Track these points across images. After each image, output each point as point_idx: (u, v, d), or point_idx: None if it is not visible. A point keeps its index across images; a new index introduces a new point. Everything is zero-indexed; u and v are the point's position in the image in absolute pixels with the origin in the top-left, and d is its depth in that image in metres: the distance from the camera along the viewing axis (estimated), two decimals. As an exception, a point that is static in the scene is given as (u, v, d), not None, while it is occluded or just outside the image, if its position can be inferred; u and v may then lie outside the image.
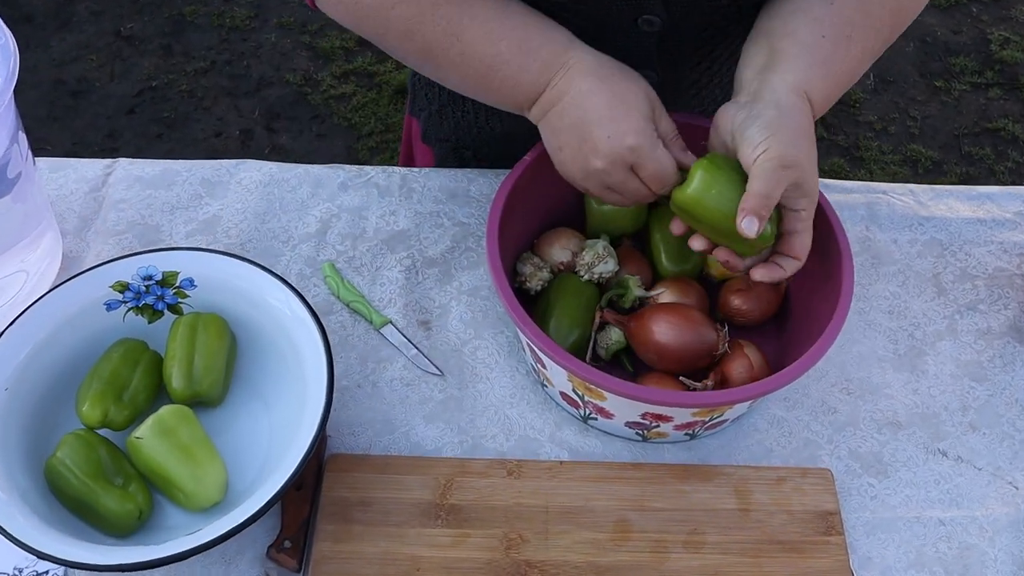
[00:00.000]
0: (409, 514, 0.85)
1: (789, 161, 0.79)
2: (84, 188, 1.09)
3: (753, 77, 0.84)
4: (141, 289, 0.91)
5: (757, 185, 0.78)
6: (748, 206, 0.78)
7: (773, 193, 0.78)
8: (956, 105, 2.70)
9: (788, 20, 0.85)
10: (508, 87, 0.86)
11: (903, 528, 0.89)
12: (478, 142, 1.15)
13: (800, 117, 0.82)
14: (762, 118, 0.80)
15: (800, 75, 0.83)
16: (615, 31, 0.94)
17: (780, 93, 0.82)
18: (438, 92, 1.13)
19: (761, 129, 0.79)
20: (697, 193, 0.81)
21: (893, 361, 1.00)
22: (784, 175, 0.79)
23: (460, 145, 1.17)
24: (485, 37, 0.84)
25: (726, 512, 0.87)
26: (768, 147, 0.79)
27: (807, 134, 0.82)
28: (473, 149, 1.17)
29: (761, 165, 0.78)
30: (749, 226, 0.78)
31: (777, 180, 0.78)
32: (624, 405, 0.85)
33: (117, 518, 0.81)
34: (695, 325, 0.89)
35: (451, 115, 1.14)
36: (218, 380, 0.88)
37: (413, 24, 0.85)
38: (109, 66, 2.67)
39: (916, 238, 1.10)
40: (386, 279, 1.02)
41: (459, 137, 1.16)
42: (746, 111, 0.81)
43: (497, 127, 1.12)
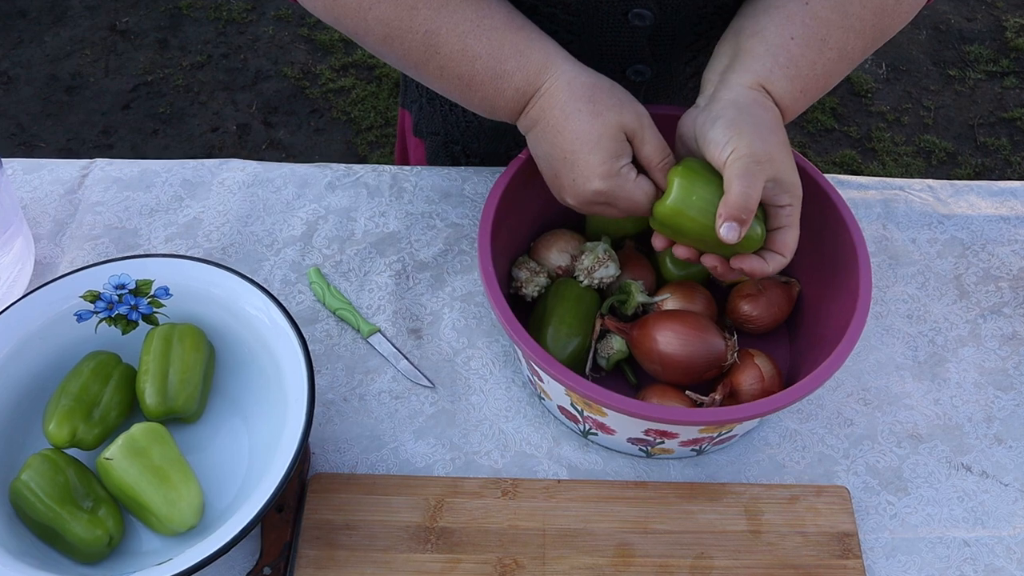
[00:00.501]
0: (397, 538, 0.80)
1: (760, 156, 0.75)
2: (59, 190, 1.04)
3: (712, 79, 0.82)
4: (113, 299, 0.86)
5: (734, 187, 0.74)
6: (726, 211, 0.74)
7: (751, 193, 0.74)
8: (971, 94, 2.64)
9: (759, 19, 0.82)
10: (487, 107, 0.84)
11: (925, 549, 0.83)
12: (467, 136, 1.10)
13: (763, 112, 0.78)
14: (722, 118, 0.77)
15: (760, 73, 0.80)
16: (605, 26, 0.90)
17: (737, 91, 0.79)
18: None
19: (724, 129, 0.76)
20: (676, 204, 0.77)
21: (913, 369, 0.94)
22: (759, 171, 0.74)
23: (449, 140, 1.12)
24: (461, 54, 0.80)
25: (735, 534, 0.81)
26: (735, 146, 0.75)
27: (773, 128, 0.78)
28: (462, 144, 1.11)
29: (733, 164, 0.75)
30: (729, 232, 0.74)
31: (753, 178, 0.74)
32: (626, 421, 0.79)
33: (85, 545, 0.75)
34: (702, 333, 0.83)
35: (439, 108, 1.09)
36: (194, 395, 0.83)
37: (392, 30, 0.81)
38: (104, 61, 2.62)
39: (936, 237, 1.04)
40: (375, 284, 0.97)
41: (448, 131, 1.11)
42: (705, 114, 0.78)
43: (486, 122, 1.06)
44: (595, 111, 0.78)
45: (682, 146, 0.82)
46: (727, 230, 0.74)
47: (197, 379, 0.83)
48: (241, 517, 0.73)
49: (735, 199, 0.74)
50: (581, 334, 0.87)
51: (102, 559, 0.77)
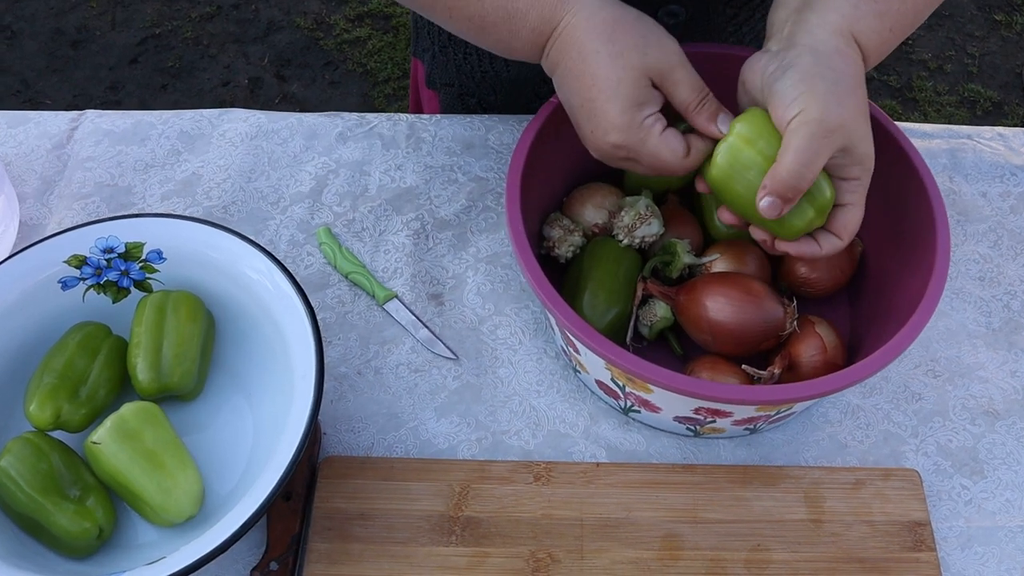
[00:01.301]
0: (418, 529, 0.72)
1: (832, 123, 0.64)
2: (46, 145, 0.95)
3: (787, 18, 0.70)
4: (101, 263, 0.78)
5: (789, 157, 0.64)
6: (772, 184, 0.65)
7: (809, 166, 0.65)
8: (1018, 40, 2.50)
9: None
10: (503, 48, 0.75)
11: (1004, 540, 0.75)
12: (483, 88, 1.00)
13: (845, 65, 0.67)
14: (795, 68, 0.66)
15: (845, 13, 0.68)
16: None
17: (819, 36, 0.67)
18: (439, 30, 0.98)
19: (795, 83, 0.65)
20: (721, 174, 0.69)
21: (986, 337, 0.85)
22: (825, 143, 0.65)
23: (464, 91, 1.02)
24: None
25: (795, 524, 0.73)
26: (804, 106, 0.64)
27: (853, 87, 0.67)
28: (478, 96, 1.01)
29: (796, 131, 0.65)
30: (769, 208, 0.66)
31: (816, 150, 0.64)
32: (674, 399, 0.70)
33: (72, 538, 0.68)
34: (757, 299, 0.74)
35: (453, 57, 0.99)
36: (191, 370, 0.75)
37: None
38: (110, 14, 2.52)
39: (1009, 190, 0.94)
40: (391, 245, 0.88)
41: (462, 82, 1.01)
42: (777, 61, 0.67)
43: (503, 71, 0.97)
44: (615, 52, 0.69)
45: (745, 96, 0.71)
46: (767, 204, 0.66)
47: (194, 352, 0.75)
48: (244, 508, 0.65)
49: (786, 171, 0.65)
50: (621, 300, 0.78)
51: (92, 553, 0.70)
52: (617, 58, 0.68)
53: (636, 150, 0.70)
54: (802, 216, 0.68)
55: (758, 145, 0.67)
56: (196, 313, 0.76)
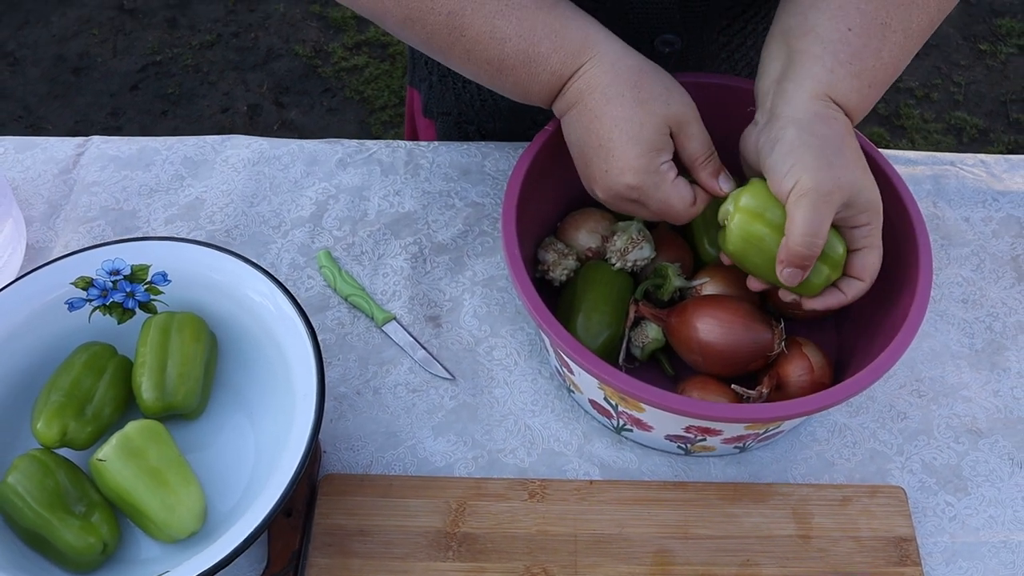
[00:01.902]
0: (415, 545, 0.73)
1: (826, 188, 0.68)
2: (53, 170, 0.97)
3: (768, 89, 0.74)
4: (107, 285, 0.80)
5: (796, 231, 0.68)
6: (787, 257, 0.69)
7: (817, 233, 0.68)
8: (1002, 69, 2.54)
9: (808, 15, 0.73)
10: (520, 91, 0.77)
11: (988, 555, 0.76)
12: (482, 116, 1.03)
13: (827, 129, 0.70)
14: (782, 142, 0.69)
15: (821, 79, 0.71)
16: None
17: (798, 106, 0.71)
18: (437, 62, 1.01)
19: (783, 156, 0.69)
20: (738, 249, 0.73)
21: (970, 358, 0.87)
22: (826, 207, 0.68)
23: (463, 119, 1.04)
24: (490, 36, 0.73)
25: (783, 539, 0.75)
26: (797, 178, 0.68)
27: (840, 146, 0.70)
28: (477, 124, 1.04)
29: (796, 204, 0.68)
30: (791, 278, 0.70)
31: (819, 217, 0.68)
32: (665, 417, 0.72)
33: (77, 553, 0.69)
34: (746, 321, 0.77)
35: (452, 86, 1.02)
36: (195, 390, 0.76)
37: (411, 12, 0.74)
38: (111, 41, 2.55)
39: (991, 215, 0.97)
40: (390, 269, 0.90)
41: (461, 111, 1.04)
42: (765, 134, 0.71)
43: (502, 100, 0.99)
44: (640, 98, 0.71)
45: (746, 167, 0.75)
46: (788, 275, 0.70)
47: (198, 372, 0.77)
48: (246, 524, 0.67)
49: (796, 244, 0.68)
50: (614, 322, 0.80)
51: (96, 568, 0.72)
52: (641, 104, 0.71)
53: (649, 193, 0.72)
54: (819, 275, 0.72)
55: (765, 217, 0.71)
56: (200, 334, 0.78)
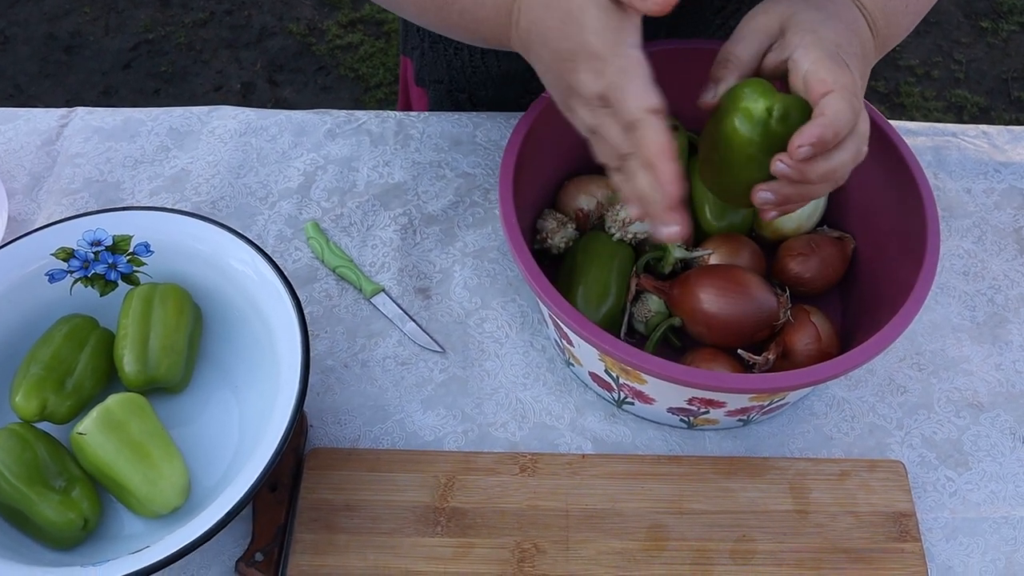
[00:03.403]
0: (403, 520, 0.72)
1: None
2: (36, 141, 0.95)
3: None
4: (89, 256, 0.78)
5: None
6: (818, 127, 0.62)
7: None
8: (1004, 47, 2.52)
9: None
10: (469, 20, 0.70)
11: (989, 531, 0.75)
12: (473, 83, 1.00)
13: None
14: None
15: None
16: None
17: None
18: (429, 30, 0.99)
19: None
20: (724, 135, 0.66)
21: (971, 331, 0.85)
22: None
23: (454, 87, 1.02)
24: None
25: (780, 514, 0.73)
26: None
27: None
28: (468, 92, 1.01)
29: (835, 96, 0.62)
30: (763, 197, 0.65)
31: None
32: (668, 389, 0.71)
33: (57, 529, 0.68)
34: (750, 290, 0.75)
35: (443, 52, 0.99)
36: (178, 362, 0.75)
37: None
38: (103, 19, 2.52)
39: (993, 187, 0.95)
40: (379, 240, 0.88)
41: (452, 78, 1.01)
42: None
43: (494, 66, 0.97)
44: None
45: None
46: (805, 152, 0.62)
47: (181, 345, 0.75)
48: (228, 497, 0.65)
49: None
50: (615, 295, 0.78)
51: (77, 544, 0.70)
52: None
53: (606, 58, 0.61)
54: None
55: None
56: (183, 305, 0.76)
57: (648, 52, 0.62)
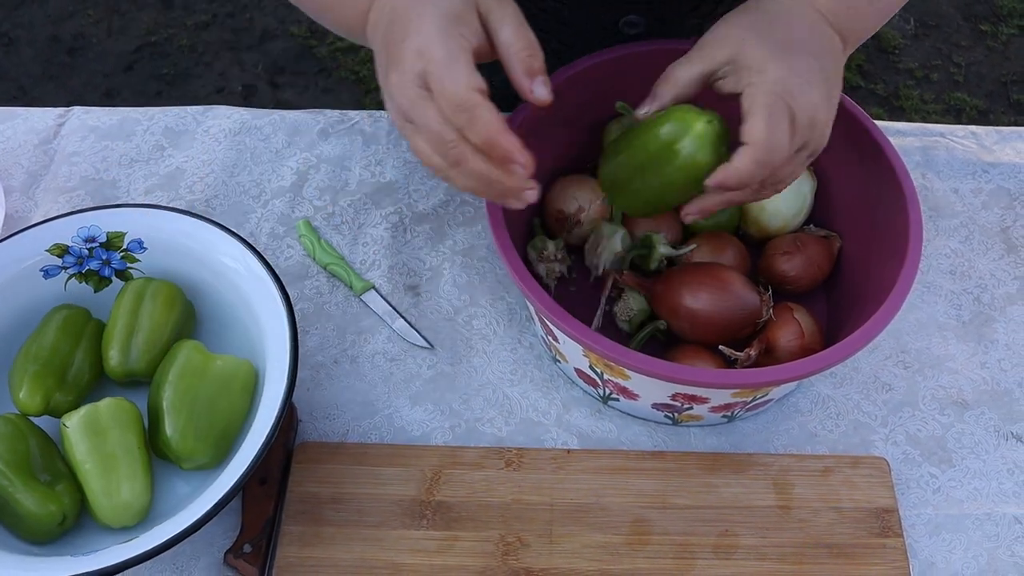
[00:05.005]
0: (389, 513, 0.73)
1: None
2: (33, 140, 0.96)
3: None
4: (83, 253, 0.79)
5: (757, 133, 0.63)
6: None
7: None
8: (1003, 50, 2.52)
9: None
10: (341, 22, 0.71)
11: (972, 527, 0.75)
12: None
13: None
14: None
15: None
16: None
17: None
18: None
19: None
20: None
21: (957, 330, 0.86)
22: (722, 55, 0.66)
23: None
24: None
25: (763, 510, 0.74)
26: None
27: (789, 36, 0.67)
28: None
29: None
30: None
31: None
32: (651, 385, 0.71)
33: (36, 520, 0.68)
34: (732, 287, 0.75)
35: None
36: (159, 359, 0.75)
37: None
38: (106, 21, 2.54)
39: (980, 187, 0.95)
40: (369, 238, 0.89)
41: None
42: None
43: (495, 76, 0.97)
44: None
45: None
46: None
47: (165, 341, 0.75)
48: (217, 488, 0.66)
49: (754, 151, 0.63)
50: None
51: (53, 539, 0.70)
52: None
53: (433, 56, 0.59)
54: None
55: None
56: (173, 302, 0.77)
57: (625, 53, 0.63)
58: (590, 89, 0.81)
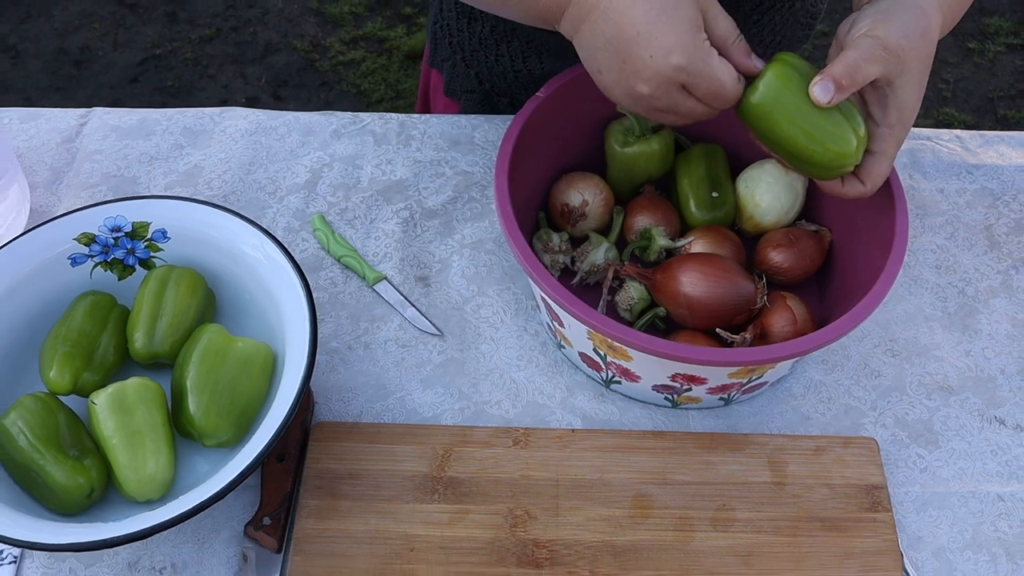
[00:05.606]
0: (402, 488, 0.76)
1: (892, 46, 0.69)
2: (56, 139, 1.00)
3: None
4: (109, 242, 0.83)
5: (848, 53, 0.69)
6: (830, 70, 0.69)
7: (862, 66, 0.69)
8: (990, 67, 2.58)
9: None
10: (525, 8, 0.75)
11: (957, 504, 0.79)
12: (515, 88, 1.05)
13: (920, 15, 0.72)
14: (876, 6, 0.72)
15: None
16: None
17: None
18: (468, 38, 1.04)
19: (871, 15, 0.71)
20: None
21: (942, 320, 0.90)
22: (881, 55, 0.69)
23: (494, 92, 1.07)
24: None
25: (758, 486, 0.77)
26: (871, 27, 0.70)
27: (923, 35, 0.72)
28: (510, 96, 1.06)
29: (858, 39, 0.70)
30: (823, 91, 0.69)
31: (872, 55, 0.69)
32: (652, 366, 0.75)
33: (65, 492, 0.71)
34: (729, 275, 0.79)
35: (483, 60, 1.04)
36: (182, 342, 0.78)
37: None
38: (112, 34, 2.58)
39: (965, 187, 1.00)
40: (381, 232, 0.93)
41: (493, 84, 1.06)
42: (864, 10, 0.73)
43: (536, 68, 1.02)
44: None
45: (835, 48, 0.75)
46: (822, 88, 0.69)
47: (188, 324, 0.79)
48: (240, 461, 0.70)
49: (844, 61, 0.69)
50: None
51: (81, 511, 0.73)
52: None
53: (698, 70, 0.69)
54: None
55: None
56: (196, 288, 0.81)
57: None
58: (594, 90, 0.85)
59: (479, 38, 1.02)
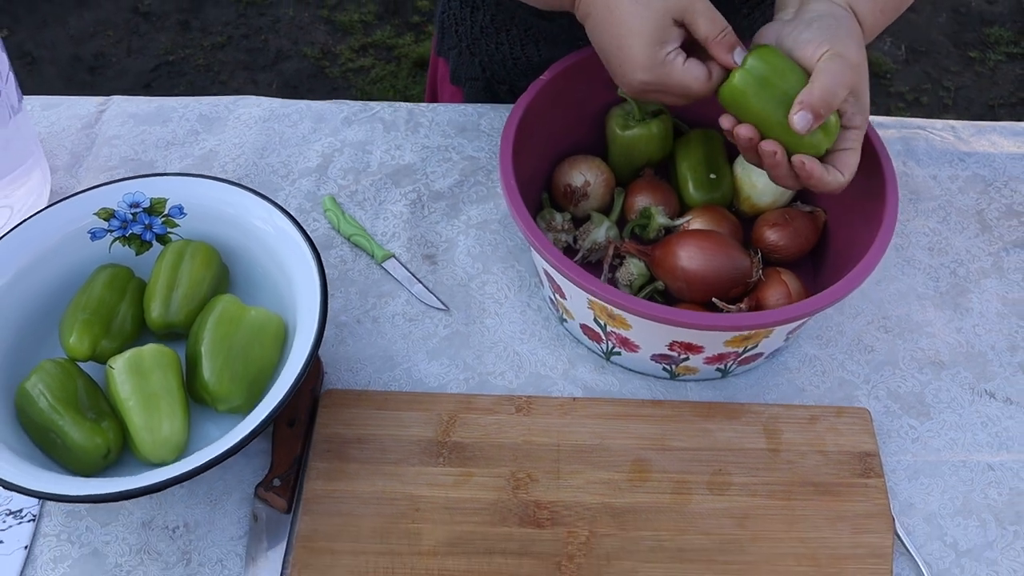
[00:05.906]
0: (408, 452, 0.79)
1: (854, 61, 0.74)
2: (76, 125, 1.04)
3: None
4: (128, 217, 0.86)
5: (822, 79, 0.73)
6: (807, 100, 0.73)
7: (837, 92, 0.73)
8: (991, 76, 2.61)
9: None
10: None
11: (948, 473, 0.82)
12: (514, 75, 1.09)
13: (853, 26, 0.78)
14: (819, 22, 0.76)
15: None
16: None
17: (827, 5, 0.78)
18: (470, 27, 1.08)
19: (821, 31, 0.76)
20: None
21: (934, 299, 0.92)
22: (850, 74, 0.74)
23: (495, 79, 1.11)
24: None
25: (754, 452, 0.80)
26: (831, 46, 0.74)
27: (861, 44, 0.77)
28: (509, 83, 1.10)
29: (829, 60, 0.74)
30: (802, 121, 0.73)
31: (843, 78, 0.74)
32: (651, 334, 0.78)
33: (84, 452, 0.74)
34: (726, 249, 0.82)
35: (485, 48, 1.08)
36: (196, 312, 0.81)
37: None
38: (126, 41, 2.63)
39: (957, 174, 1.02)
40: (390, 213, 0.96)
41: (493, 72, 1.10)
42: (794, 24, 0.77)
43: (534, 56, 1.05)
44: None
45: None
46: (801, 118, 0.73)
47: (203, 296, 0.82)
48: (250, 422, 0.72)
49: (820, 90, 0.73)
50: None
51: (98, 471, 0.76)
52: (638, 3, 0.75)
53: (663, 83, 0.76)
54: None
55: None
56: (211, 262, 0.84)
57: None
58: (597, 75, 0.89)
59: (480, 26, 1.05)
